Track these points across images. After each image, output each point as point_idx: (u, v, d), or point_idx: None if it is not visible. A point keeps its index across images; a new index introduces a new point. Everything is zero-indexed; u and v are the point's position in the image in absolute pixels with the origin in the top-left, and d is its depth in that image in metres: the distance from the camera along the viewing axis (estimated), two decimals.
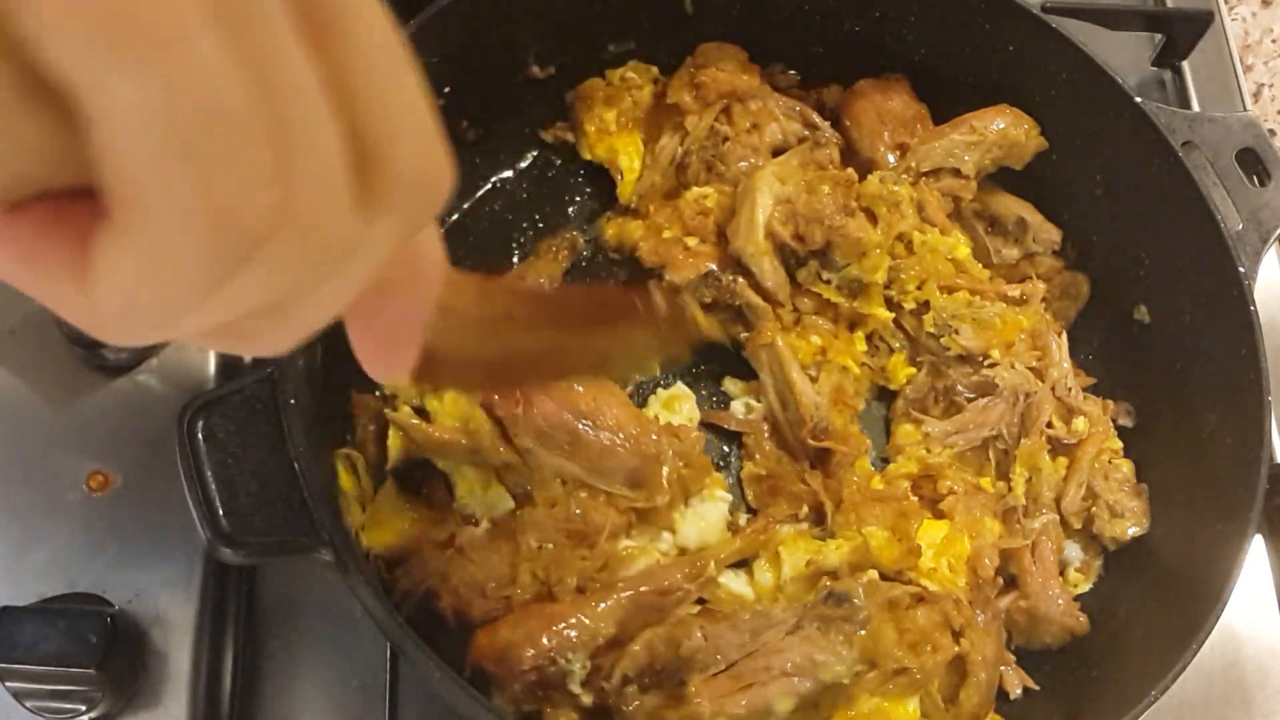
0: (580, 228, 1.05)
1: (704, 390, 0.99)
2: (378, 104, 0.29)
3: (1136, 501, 0.92)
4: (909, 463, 0.93)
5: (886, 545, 0.84)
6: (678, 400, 0.95)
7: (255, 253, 0.27)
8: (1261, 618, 0.96)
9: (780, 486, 0.91)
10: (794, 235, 0.93)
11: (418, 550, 0.80)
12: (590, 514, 0.82)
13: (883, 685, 0.78)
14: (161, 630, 0.81)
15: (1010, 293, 0.98)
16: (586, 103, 1.04)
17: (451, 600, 0.78)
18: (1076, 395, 0.95)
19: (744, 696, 0.74)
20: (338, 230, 0.29)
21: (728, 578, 0.86)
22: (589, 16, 1.01)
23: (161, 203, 0.25)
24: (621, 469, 0.82)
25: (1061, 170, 1.01)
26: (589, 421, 0.82)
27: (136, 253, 0.26)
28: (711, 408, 0.98)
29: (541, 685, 0.74)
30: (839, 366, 0.96)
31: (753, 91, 1.03)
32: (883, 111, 1.03)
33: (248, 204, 0.26)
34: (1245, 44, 1.29)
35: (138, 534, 0.84)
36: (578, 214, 1.06)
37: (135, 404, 0.88)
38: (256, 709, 0.84)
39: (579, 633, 0.75)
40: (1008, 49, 0.98)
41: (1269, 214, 0.92)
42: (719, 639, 0.76)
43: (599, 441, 0.82)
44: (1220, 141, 0.94)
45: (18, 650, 0.73)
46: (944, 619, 0.80)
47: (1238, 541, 0.79)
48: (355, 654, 0.86)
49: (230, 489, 0.70)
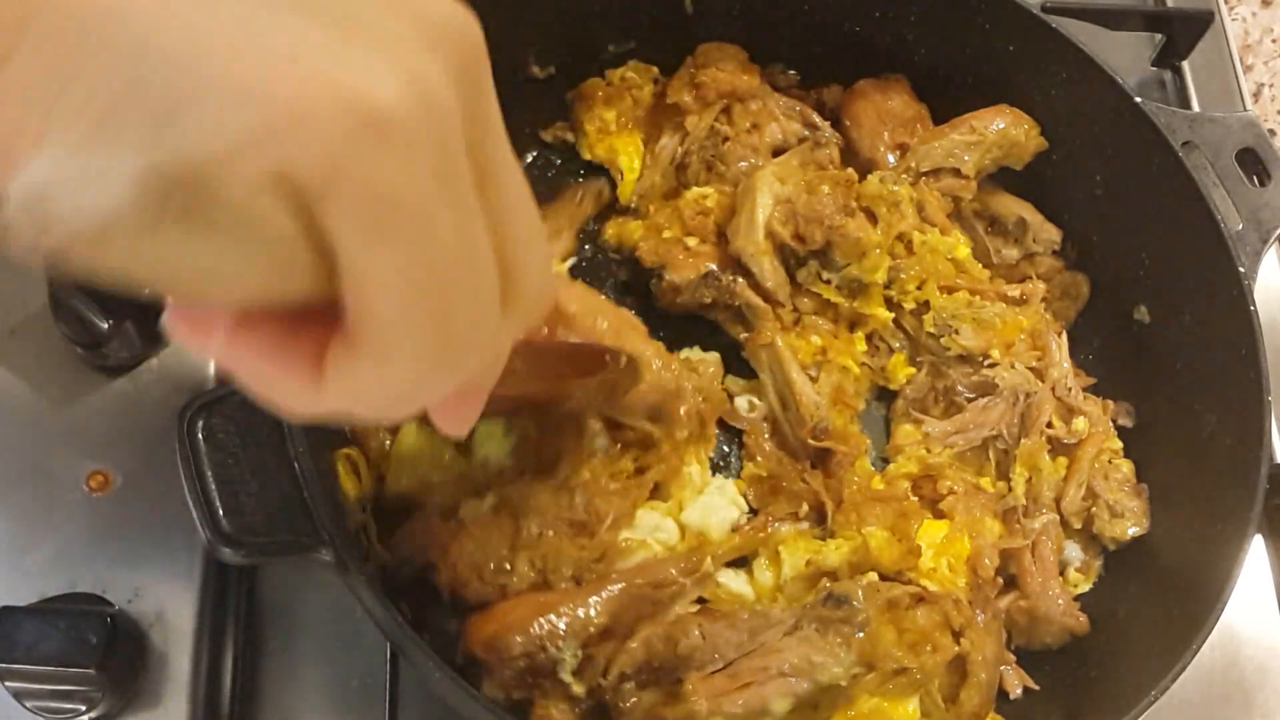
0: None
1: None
2: (517, 242, 0.37)
3: (1136, 501, 0.92)
4: (909, 463, 0.93)
5: (886, 545, 0.84)
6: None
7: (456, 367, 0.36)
8: (1261, 618, 0.96)
9: (780, 486, 0.91)
10: (794, 235, 0.93)
11: (424, 508, 0.81)
12: (594, 500, 0.82)
13: (882, 685, 0.78)
14: (162, 630, 0.81)
15: (1010, 293, 0.98)
16: (587, 102, 1.04)
17: (449, 577, 0.78)
18: (1076, 395, 0.95)
19: (741, 696, 0.74)
20: (494, 336, 0.38)
21: (728, 577, 0.86)
22: (589, 16, 1.01)
23: (403, 341, 0.34)
24: (642, 403, 0.84)
25: (1061, 170, 1.01)
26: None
27: (373, 370, 0.34)
28: None
29: (532, 673, 0.75)
30: (839, 366, 0.96)
31: (753, 91, 1.03)
32: (883, 111, 1.03)
33: (463, 337, 0.35)
34: (1245, 44, 1.29)
35: (138, 534, 0.84)
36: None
37: (135, 404, 0.88)
38: (257, 709, 0.84)
39: (570, 622, 0.75)
40: (1008, 49, 0.98)
41: (1269, 214, 0.92)
42: (717, 638, 0.76)
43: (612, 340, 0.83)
44: (1220, 141, 0.94)
45: (18, 650, 0.73)
46: (944, 619, 0.80)
47: (1238, 541, 0.79)
48: (355, 654, 0.86)
49: (230, 489, 0.70)
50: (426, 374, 0.35)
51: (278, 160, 0.29)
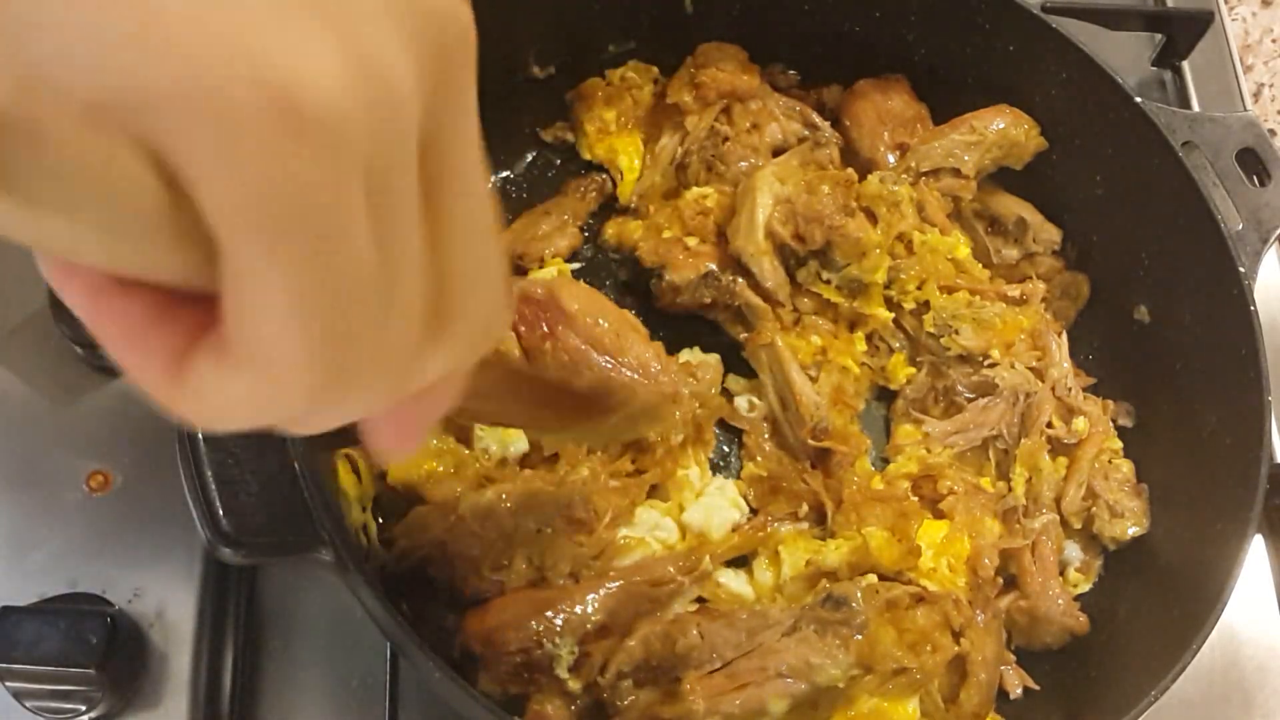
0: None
1: None
2: (465, 261, 0.32)
3: (1136, 501, 0.92)
4: (909, 463, 0.93)
5: (886, 545, 0.84)
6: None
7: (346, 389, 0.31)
8: (1261, 618, 0.96)
9: (780, 486, 0.91)
10: (794, 235, 0.93)
11: (425, 500, 0.81)
12: (593, 498, 0.82)
13: (883, 685, 0.78)
14: (162, 630, 0.81)
15: (1010, 293, 0.98)
16: (587, 102, 1.04)
17: (446, 573, 0.78)
18: (1076, 395, 0.95)
19: (738, 696, 0.74)
20: (404, 363, 0.32)
21: (727, 577, 0.86)
22: (589, 16, 1.01)
23: (285, 358, 0.28)
24: (640, 413, 0.84)
25: (1061, 170, 1.01)
26: (610, 357, 0.83)
27: (246, 384, 0.29)
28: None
29: (528, 668, 0.75)
30: (839, 366, 0.96)
31: (753, 91, 1.03)
32: (883, 111, 1.03)
33: (357, 358, 0.30)
34: (1245, 44, 1.29)
35: (138, 534, 0.84)
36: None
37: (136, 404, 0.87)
38: (257, 708, 0.84)
39: (566, 618, 0.75)
40: (1008, 49, 0.98)
41: (1269, 214, 0.92)
42: (715, 637, 0.76)
43: (621, 378, 0.83)
44: (1220, 141, 0.94)
45: (18, 650, 0.73)
46: (944, 619, 0.80)
47: (1238, 541, 0.79)
48: (355, 654, 0.86)
49: (230, 489, 0.70)
50: (312, 398, 0.30)
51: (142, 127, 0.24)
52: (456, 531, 0.80)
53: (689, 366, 0.91)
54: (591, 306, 0.84)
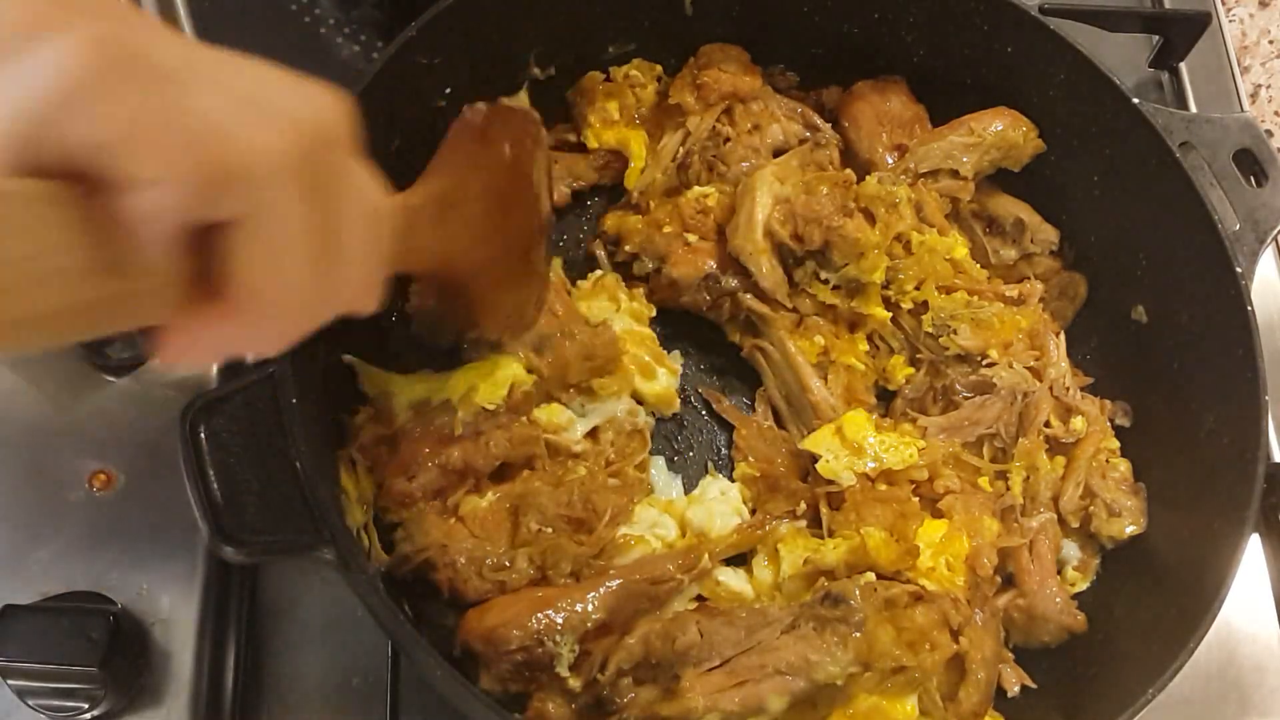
0: (582, 226, 1.05)
1: (703, 378, 1.00)
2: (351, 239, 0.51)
3: (1134, 500, 0.92)
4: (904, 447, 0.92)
5: (884, 545, 0.84)
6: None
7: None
8: (1258, 616, 0.97)
9: (779, 484, 0.92)
10: (792, 235, 0.94)
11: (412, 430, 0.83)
12: (593, 497, 0.83)
13: (881, 683, 0.78)
14: (164, 629, 0.82)
15: (1008, 293, 0.98)
16: (587, 96, 1.04)
17: (448, 575, 0.79)
18: (1074, 394, 0.95)
19: (737, 693, 0.75)
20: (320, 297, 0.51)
21: (727, 575, 0.87)
22: (589, 18, 1.01)
23: (272, 303, 0.47)
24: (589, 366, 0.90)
25: (1059, 171, 1.01)
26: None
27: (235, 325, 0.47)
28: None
29: (529, 666, 0.75)
30: (844, 366, 0.96)
31: (754, 92, 1.03)
32: (881, 113, 1.03)
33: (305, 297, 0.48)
34: (1242, 45, 1.29)
35: (140, 533, 0.84)
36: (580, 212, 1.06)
37: (138, 404, 0.88)
38: (258, 707, 0.85)
39: (567, 617, 0.76)
40: (1006, 50, 0.99)
41: (1266, 214, 0.92)
42: (714, 635, 0.77)
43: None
44: (1218, 142, 0.95)
45: (20, 649, 0.73)
46: (942, 618, 0.80)
47: (1235, 540, 0.79)
48: (356, 653, 0.86)
49: (232, 488, 0.70)
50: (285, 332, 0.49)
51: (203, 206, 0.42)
52: (457, 534, 0.80)
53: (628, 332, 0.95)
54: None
